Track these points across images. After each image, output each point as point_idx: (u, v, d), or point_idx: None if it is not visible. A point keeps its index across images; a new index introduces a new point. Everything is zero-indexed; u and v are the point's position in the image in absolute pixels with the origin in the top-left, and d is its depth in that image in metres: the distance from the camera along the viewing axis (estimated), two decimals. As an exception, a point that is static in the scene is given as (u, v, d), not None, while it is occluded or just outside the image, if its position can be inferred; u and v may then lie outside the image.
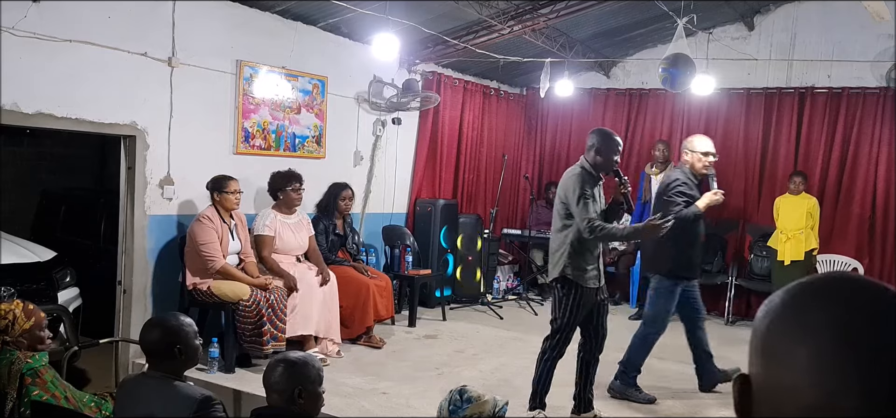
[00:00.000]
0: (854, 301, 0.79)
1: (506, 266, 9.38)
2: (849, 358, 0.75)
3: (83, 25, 4.94)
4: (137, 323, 5.30)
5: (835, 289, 0.81)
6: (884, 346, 0.75)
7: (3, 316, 3.18)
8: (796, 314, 0.81)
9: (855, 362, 0.74)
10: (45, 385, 3.03)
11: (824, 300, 0.80)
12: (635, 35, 8.50)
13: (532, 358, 6.15)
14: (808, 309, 0.80)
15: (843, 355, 0.75)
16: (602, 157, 4.46)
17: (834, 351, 0.76)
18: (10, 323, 3.16)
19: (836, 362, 0.75)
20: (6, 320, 3.17)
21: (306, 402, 2.63)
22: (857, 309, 0.78)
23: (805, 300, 0.81)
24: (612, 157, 4.48)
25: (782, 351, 0.80)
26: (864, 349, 0.75)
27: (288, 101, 6.57)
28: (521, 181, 9.78)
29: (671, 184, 5.07)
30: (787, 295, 0.84)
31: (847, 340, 0.76)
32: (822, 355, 0.76)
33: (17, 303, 3.28)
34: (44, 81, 4.78)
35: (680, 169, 5.23)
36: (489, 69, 8.64)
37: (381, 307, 6.36)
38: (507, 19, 6.94)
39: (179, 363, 2.83)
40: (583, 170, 4.45)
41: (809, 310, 0.80)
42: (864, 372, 0.74)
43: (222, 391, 4.75)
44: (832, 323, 0.77)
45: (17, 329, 3.16)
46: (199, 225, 5.35)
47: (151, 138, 5.51)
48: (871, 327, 0.76)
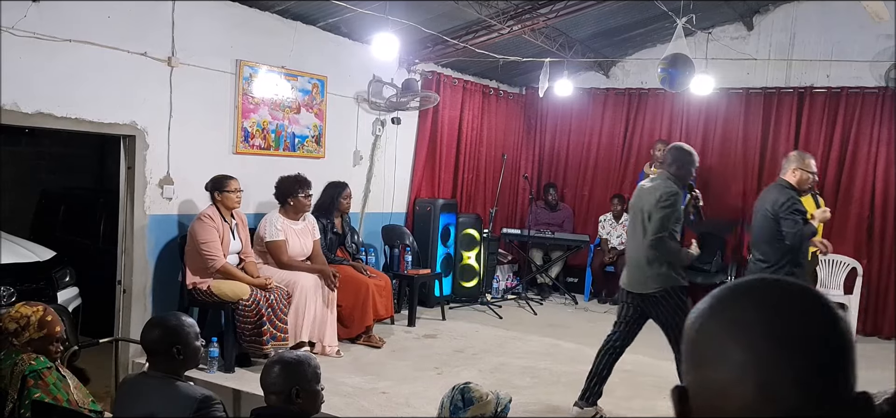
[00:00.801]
0: (781, 300, 0.84)
1: (505, 265, 9.39)
2: (781, 353, 0.79)
3: (83, 25, 4.94)
4: (137, 323, 5.31)
5: (761, 291, 0.86)
6: (811, 339, 0.80)
7: (18, 319, 3.14)
8: (727, 317, 0.84)
9: (787, 356, 0.79)
10: (47, 387, 3.02)
11: (752, 301, 0.84)
12: (634, 35, 8.50)
13: (531, 357, 6.20)
14: (738, 310, 0.84)
15: (775, 350, 0.79)
16: (682, 171, 4.67)
17: (766, 347, 0.80)
18: (21, 328, 3.13)
19: (769, 357, 0.79)
20: (18, 324, 3.13)
21: (304, 402, 2.63)
22: (784, 307, 0.83)
23: (734, 303, 0.85)
24: (691, 171, 4.74)
25: (716, 353, 0.83)
26: (794, 342, 0.79)
27: (287, 101, 6.57)
28: (521, 181, 9.79)
29: (786, 201, 4.94)
30: (714, 301, 0.87)
31: (778, 336, 0.80)
32: (755, 352, 0.80)
33: (38, 309, 3.21)
34: (43, 81, 4.78)
35: (778, 185, 5.10)
36: (488, 69, 8.65)
37: (381, 306, 6.37)
38: (507, 19, 6.94)
39: (179, 363, 2.83)
40: (670, 182, 4.64)
41: (739, 312, 0.84)
42: (796, 364, 0.78)
43: (222, 390, 4.75)
44: (762, 321, 0.81)
45: (26, 336, 3.13)
46: (200, 223, 5.36)
47: (151, 138, 5.51)
48: (798, 323, 0.81)
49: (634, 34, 8.47)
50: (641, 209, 4.69)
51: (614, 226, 8.96)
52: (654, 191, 4.63)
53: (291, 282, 5.70)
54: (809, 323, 0.82)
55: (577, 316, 8.23)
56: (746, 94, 8.44)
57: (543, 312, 8.21)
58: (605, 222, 9.07)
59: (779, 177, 5.16)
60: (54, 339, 3.20)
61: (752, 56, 8.30)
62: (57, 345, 3.22)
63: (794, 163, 5.10)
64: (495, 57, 7.60)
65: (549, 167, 9.93)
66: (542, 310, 8.32)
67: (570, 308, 8.60)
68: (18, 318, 3.13)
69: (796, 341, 0.80)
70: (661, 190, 4.59)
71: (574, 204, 9.65)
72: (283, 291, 5.52)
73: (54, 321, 3.21)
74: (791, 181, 5.05)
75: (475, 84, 8.95)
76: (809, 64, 8.05)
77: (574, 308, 8.60)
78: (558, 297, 9.05)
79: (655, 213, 4.54)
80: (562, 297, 9.01)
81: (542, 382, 5.54)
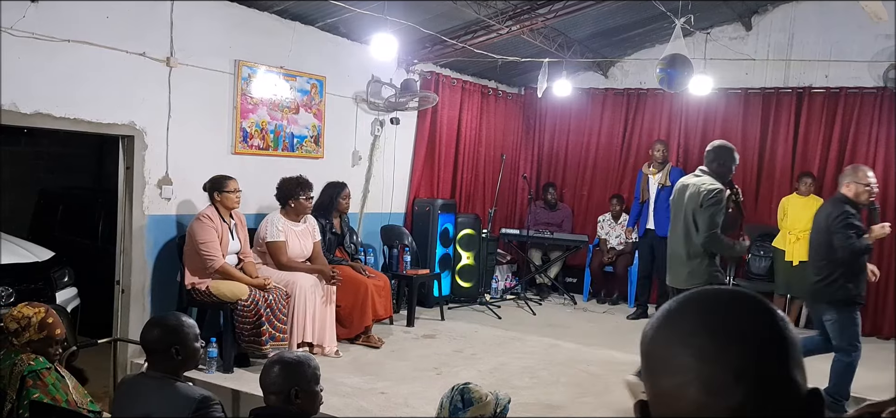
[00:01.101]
0: (720, 304, 0.90)
1: (504, 265, 9.39)
2: (721, 350, 0.84)
3: (81, 25, 4.94)
4: (136, 323, 5.31)
5: (703, 298, 0.92)
6: (748, 336, 0.86)
7: (19, 319, 3.14)
8: (676, 325, 0.90)
9: (726, 352, 0.84)
10: (46, 387, 3.02)
11: (695, 308, 0.90)
12: (633, 35, 8.50)
13: (531, 357, 6.20)
14: (682, 318, 0.89)
15: (715, 349, 0.85)
16: (724, 168, 4.75)
17: (708, 347, 0.85)
18: (21, 329, 3.13)
19: (711, 356, 0.84)
20: (19, 324, 3.13)
21: (303, 402, 2.63)
22: (723, 310, 0.89)
23: (682, 312, 0.91)
24: (732, 168, 4.82)
25: (666, 360, 0.88)
26: (733, 340, 0.85)
27: (286, 101, 6.57)
28: (520, 181, 9.79)
29: (839, 215, 4.98)
30: (663, 313, 0.93)
31: (718, 335, 0.86)
32: (698, 353, 0.85)
33: (40, 310, 3.20)
34: (42, 81, 4.78)
35: (835, 199, 5.16)
36: (487, 69, 8.65)
37: (380, 306, 6.37)
38: (505, 19, 6.94)
39: (178, 363, 2.83)
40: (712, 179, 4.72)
41: (684, 319, 0.89)
42: (735, 360, 0.83)
43: (221, 391, 4.75)
44: (704, 325, 0.87)
45: (26, 336, 3.13)
46: (199, 224, 5.35)
47: (150, 138, 5.51)
48: (736, 322, 0.87)
49: (633, 34, 8.47)
50: (683, 207, 4.81)
51: (613, 226, 8.96)
52: (698, 189, 4.71)
53: (290, 282, 5.69)
54: (747, 322, 0.87)
55: (576, 316, 8.23)
56: (745, 94, 8.44)
57: (542, 312, 8.21)
58: (604, 222, 9.07)
59: (838, 191, 5.20)
60: (54, 341, 3.21)
61: (751, 56, 8.31)
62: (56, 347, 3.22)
63: (849, 177, 5.12)
64: (494, 57, 7.60)
65: (548, 167, 9.93)
66: (541, 310, 8.32)
67: (568, 308, 8.60)
68: (20, 319, 3.14)
69: (735, 339, 0.85)
70: (705, 188, 4.67)
71: (573, 204, 9.65)
72: (281, 291, 5.52)
73: (55, 323, 3.22)
74: (847, 194, 5.06)
75: (474, 84, 8.95)
76: (808, 64, 8.05)
77: (573, 308, 8.60)
78: (557, 297, 9.05)
79: (703, 211, 4.63)
80: (561, 297, 9.00)
81: (541, 382, 5.54)
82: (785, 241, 7.30)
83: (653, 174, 7.98)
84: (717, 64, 7.67)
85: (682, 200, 4.86)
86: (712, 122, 8.63)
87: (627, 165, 9.21)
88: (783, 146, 8.22)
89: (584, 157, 9.61)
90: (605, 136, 9.43)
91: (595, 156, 9.52)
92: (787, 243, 7.25)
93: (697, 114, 8.70)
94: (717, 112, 8.56)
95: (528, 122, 10.00)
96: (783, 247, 7.31)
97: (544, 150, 9.96)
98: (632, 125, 9.25)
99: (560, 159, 9.84)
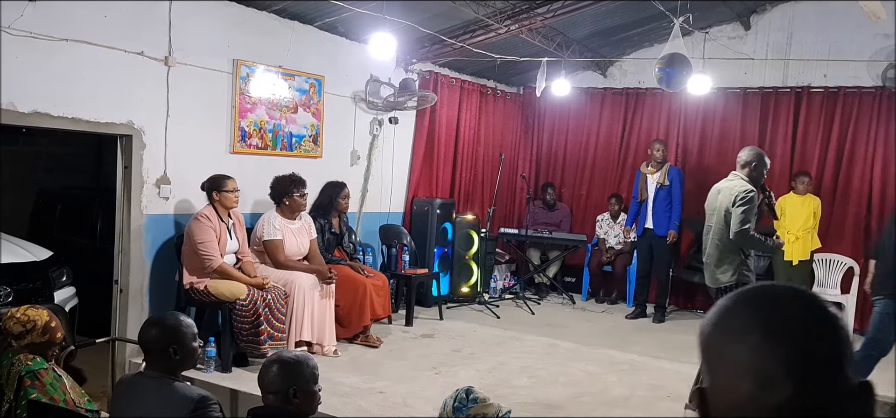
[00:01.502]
0: (774, 300, 0.93)
1: (503, 265, 9.38)
2: (773, 345, 0.89)
3: (79, 25, 4.93)
4: (134, 323, 5.31)
5: (758, 294, 0.96)
6: (799, 331, 0.90)
7: (24, 322, 3.14)
8: (730, 322, 0.94)
9: (778, 347, 0.88)
10: (44, 387, 3.02)
11: (750, 304, 0.94)
12: (632, 34, 8.50)
13: (529, 357, 6.20)
14: (739, 315, 0.94)
15: (768, 343, 0.89)
16: (757, 172, 4.96)
17: (761, 342, 0.90)
18: (25, 331, 3.13)
19: (764, 350, 0.88)
20: (24, 327, 3.13)
21: (302, 401, 2.62)
22: (776, 306, 0.93)
23: (736, 309, 0.95)
24: (764, 172, 5.04)
25: (722, 355, 0.93)
26: (784, 335, 0.89)
27: (285, 101, 6.56)
28: (519, 180, 9.79)
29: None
30: (719, 308, 0.98)
31: (771, 331, 0.90)
32: (752, 347, 0.89)
33: (43, 313, 3.20)
34: (40, 80, 4.77)
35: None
36: (486, 68, 8.65)
37: (378, 306, 6.36)
38: (504, 19, 6.94)
39: (176, 363, 2.83)
40: (744, 181, 4.92)
41: (739, 317, 0.93)
42: (786, 354, 0.87)
43: (219, 390, 4.74)
44: (758, 320, 0.91)
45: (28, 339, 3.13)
46: (197, 223, 5.35)
47: (148, 137, 5.51)
48: (789, 318, 0.91)
49: (632, 34, 8.47)
50: (716, 209, 4.99)
51: (612, 226, 8.96)
52: (731, 191, 4.90)
53: (289, 281, 5.69)
54: (799, 318, 0.91)
55: (574, 315, 8.22)
56: (744, 93, 8.44)
57: (541, 312, 8.20)
58: (603, 222, 9.07)
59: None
60: (54, 343, 3.21)
61: (750, 56, 8.31)
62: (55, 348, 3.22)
63: None
64: (493, 56, 7.59)
65: (547, 167, 9.93)
66: (539, 309, 8.32)
67: (567, 307, 8.60)
68: (25, 322, 3.13)
69: (786, 334, 0.89)
70: (737, 189, 4.86)
71: (571, 203, 9.65)
72: (280, 291, 5.52)
73: (57, 327, 3.23)
74: None
75: (473, 83, 8.95)
76: (807, 63, 8.05)
77: (572, 307, 8.60)
78: (556, 297, 9.05)
79: (735, 210, 4.81)
80: (559, 297, 9.00)
81: (540, 382, 5.54)
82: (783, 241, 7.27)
83: (651, 173, 7.98)
84: (715, 63, 7.67)
85: (715, 202, 5.04)
86: (711, 122, 8.63)
87: (626, 165, 9.21)
88: (782, 145, 8.22)
89: (582, 157, 9.60)
90: (603, 136, 9.43)
91: (594, 155, 9.51)
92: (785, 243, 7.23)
93: (696, 114, 8.69)
94: (715, 111, 8.55)
95: (527, 122, 10.00)
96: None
97: (543, 150, 9.95)
98: (630, 125, 9.24)
99: (559, 159, 9.84)
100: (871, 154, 7.76)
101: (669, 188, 7.88)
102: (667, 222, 7.90)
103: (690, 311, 8.64)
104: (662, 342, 7.05)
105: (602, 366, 6.00)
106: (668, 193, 7.88)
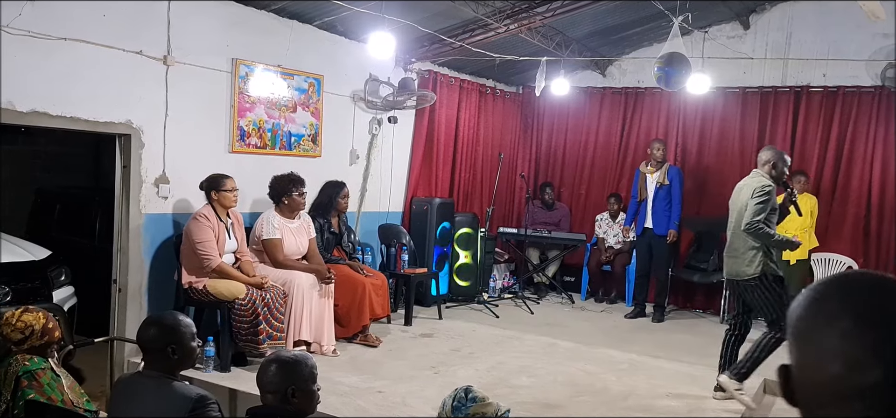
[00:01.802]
0: (864, 287, 0.98)
1: (502, 264, 9.38)
2: (861, 329, 0.92)
3: (78, 23, 4.93)
4: (133, 322, 5.30)
5: (852, 281, 1.00)
6: (888, 316, 0.93)
7: (22, 329, 3.13)
8: (821, 306, 0.98)
9: (866, 331, 0.92)
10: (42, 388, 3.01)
11: (843, 291, 0.98)
12: (631, 34, 8.50)
13: (529, 356, 6.19)
14: (830, 301, 0.97)
15: (857, 327, 0.92)
16: (777, 170, 5.16)
17: (850, 325, 0.93)
18: (24, 337, 3.13)
19: (852, 333, 0.92)
20: (23, 334, 3.12)
21: (300, 401, 2.62)
22: (866, 292, 0.97)
23: (827, 295, 0.98)
24: (785, 170, 5.26)
25: (812, 338, 0.97)
26: (873, 320, 0.92)
27: (284, 100, 6.56)
28: (518, 180, 9.79)
29: None
30: (813, 291, 1.01)
31: (860, 315, 0.93)
32: (845, 335, 0.93)
33: (39, 316, 3.20)
34: (38, 80, 4.76)
35: None
36: (485, 68, 8.64)
37: (377, 305, 6.36)
38: (503, 18, 6.93)
39: (174, 362, 2.82)
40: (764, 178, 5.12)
41: (831, 302, 0.97)
42: (874, 338, 0.91)
43: (218, 390, 4.73)
44: (849, 304, 0.95)
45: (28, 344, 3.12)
46: (195, 223, 5.34)
47: (147, 136, 5.50)
48: (877, 304, 0.94)
49: (631, 33, 8.47)
50: (737, 204, 5.20)
51: (611, 225, 8.96)
52: (750, 187, 5.11)
53: (288, 281, 5.69)
54: (889, 305, 0.94)
55: (574, 315, 8.22)
56: (743, 93, 8.43)
57: (540, 311, 8.20)
58: (602, 221, 9.07)
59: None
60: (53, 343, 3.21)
61: (749, 55, 8.30)
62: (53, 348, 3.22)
63: None
64: (492, 56, 7.59)
65: (546, 166, 9.92)
66: (538, 309, 8.32)
67: (566, 307, 8.60)
68: (23, 328, 3.13)
69: (876, 321, 0.93)
70: (755, 185, 5.07)
71: (571, 203, 9.64)
72: (279, 290, 5.51)
73: (54, 326, 3.23)
74: None
75: (472, 83, 8.94)
76: (806, 63, 8.05)
77: (571, 307, 8.60)
78: (555, 296, 9.05)
79: (751, 203, 5.00)
80: (559, 297, 9.00)
81: (539, 381, 5.53)
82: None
83: (651, 173, 7.97)
84: (714, 63, 7.67)
85: (738, 198, 5.22)
86: (710, 121, 8.63)
87: (625, 164, 9.21)
88: (781, 145, 8.18)
89: (581, 156, 9.60)
90: (602, 135, 9.43)
91: (593, 154, 9.51)
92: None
93: (695, 113, 8.69)
94: (715, 111, 8.55)
95: (526, 121, 10.00)
96: (780, 246, 7.28)
97: (542, 149, 9.95)
98: (629, 124, 9.24)
99: (558, 158, 9.84)
100: (871, 153, 7.76)
101: (669, 187, 7.87)
102: (666, 221, 7.89)
103: (690, 311, 8.64)
104: (661, 341, 7.04)
105: (601, 366, 6.00)
106: (668, 193, 7.88)
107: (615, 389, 5.44)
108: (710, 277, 8.20)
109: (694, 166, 8.75)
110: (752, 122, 8.36)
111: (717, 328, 7.52)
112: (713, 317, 8.30)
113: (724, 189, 8.50)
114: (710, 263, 8.26)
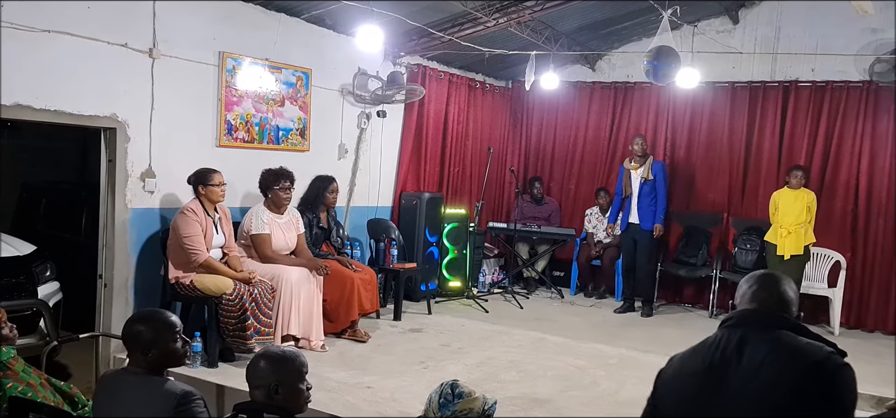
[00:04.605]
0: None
1: (491, 259, 9.37)
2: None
3: (62, 16, 4.87)
4: (118, 318, 5.26)
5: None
6: None
7: None
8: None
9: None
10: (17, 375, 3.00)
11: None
12: (620, 28, 8.50)
13: (518, 351, 6.19)
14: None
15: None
16: None
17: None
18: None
19: None
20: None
21: (285, 397, 2.59)
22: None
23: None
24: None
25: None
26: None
27: (271, 94, 6.52)
28: (507, 174, 9.77)
29: None
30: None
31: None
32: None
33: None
34: (22, 73, 4.70)
35: None
36: (474, 62, 8.61)
37: (366, 301, 6.33)
38: (492, 12, 6.91)
39: (158, 359, 2.79)
40: None
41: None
42: None
43: (205, 385, 4.70)
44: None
45: None
46: (182, 217, 5.29)
47: (132, 130, 5.45)
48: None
49: (620, 27, 8.46)
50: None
51: (600, 220, 8.95)
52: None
53: (276, 276, 5.65)
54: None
55: (563, 310, 8.23)
56: (732, 87, 8.45)
57: (530, 306, 8.20)
58: (592, 216, 9.07)
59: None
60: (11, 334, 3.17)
61: (738, 50, 8.32)
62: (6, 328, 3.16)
63: None
64: (481, 50, 7.57)
65: (536, 161, 9.92)
66: (528, 304, 8.32)
67: (556, 302, 8.60)
68: None
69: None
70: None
71: (560, 197, 9.64)
72: (267, 285, 5.48)
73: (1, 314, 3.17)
74: None
75: (461, 77, 8.92)
76: (794, 58, 8.07)
77: (560, 302, 8.61)
78: (544, 291, 9.05)
79: None
80: (548, 291, 9.00)
81: (528, 376, 5.52)
82: (776, 235, 7.27)
83: (634, 169, 7.97)
84: (704, 57, 7.68)
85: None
86: (699, 116, 8.65)
87: (614, 159, 9.21)
88: (770, 140, 8.24)
89: (571, 151, 9.60)
90: (592, 130, 9.43)
91: (582, 149, 9.51)
92: (778, 237, 7.22)
93: (684, 108, 8.70)
94: (704, 105, 8.57)
95: (516, 116, 9.98)
96: (775, 240, 7.27)
97: (531, 144, 9.94)
98: (619, 118, 9.24)
99: (547, 153, 9.83)
100: (859, 148, 7.79)
101: (653, 182, 7.87)
102: (652, 216, 7.89)
103: (678, 305, 8.66)
104: (651, 336, 7.05)
105: (590, 361, 6.00)
106: (653, 187, 7.88)
107: (605, 384, 5.44)
108: (699, 272, 8.22)
109: (683, 161, 8.76)
110: (741, 117, 8.38)
111: (706, 322, 7.54)
112: (702, 312, 8.32)
113: (713, 184, 8.57)
114: (699, 258, 8.28)
